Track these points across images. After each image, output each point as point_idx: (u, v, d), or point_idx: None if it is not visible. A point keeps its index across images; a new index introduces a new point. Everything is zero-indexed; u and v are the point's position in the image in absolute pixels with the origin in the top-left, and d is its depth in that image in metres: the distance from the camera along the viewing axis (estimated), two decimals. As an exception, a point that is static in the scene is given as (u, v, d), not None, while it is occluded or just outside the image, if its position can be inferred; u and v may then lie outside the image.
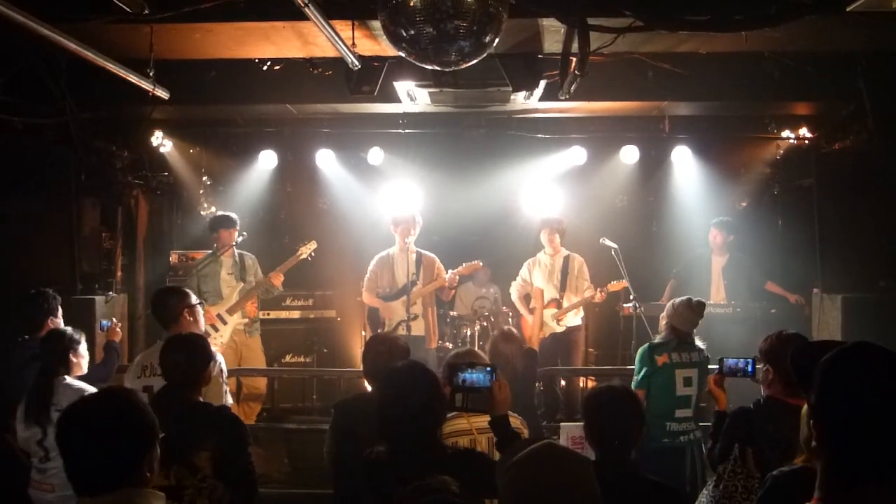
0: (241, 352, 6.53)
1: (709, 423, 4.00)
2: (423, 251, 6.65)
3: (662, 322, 4.62)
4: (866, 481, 1.43)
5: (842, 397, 1.46)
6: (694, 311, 4.49)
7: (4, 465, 3.42)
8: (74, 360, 3.93)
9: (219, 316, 6.41)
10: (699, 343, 4.58)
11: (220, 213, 6.81)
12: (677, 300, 4.57)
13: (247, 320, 6.52)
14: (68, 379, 3.87)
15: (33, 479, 3.76)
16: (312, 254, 6.67)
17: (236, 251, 6.66)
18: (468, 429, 3.00)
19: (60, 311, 4.65)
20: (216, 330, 6.37)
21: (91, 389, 3.82)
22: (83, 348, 4.03)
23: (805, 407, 1.61)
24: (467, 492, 1.83)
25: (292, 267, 6.63)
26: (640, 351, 4.54)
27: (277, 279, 6.53)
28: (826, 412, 1.49)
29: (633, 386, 4.43)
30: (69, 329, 4.14)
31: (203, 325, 4.19)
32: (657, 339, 4.60)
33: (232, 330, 6.45)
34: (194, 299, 4.13)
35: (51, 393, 3.76)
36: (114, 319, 5.11)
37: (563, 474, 1.69)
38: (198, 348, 3.21)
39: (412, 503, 1.57)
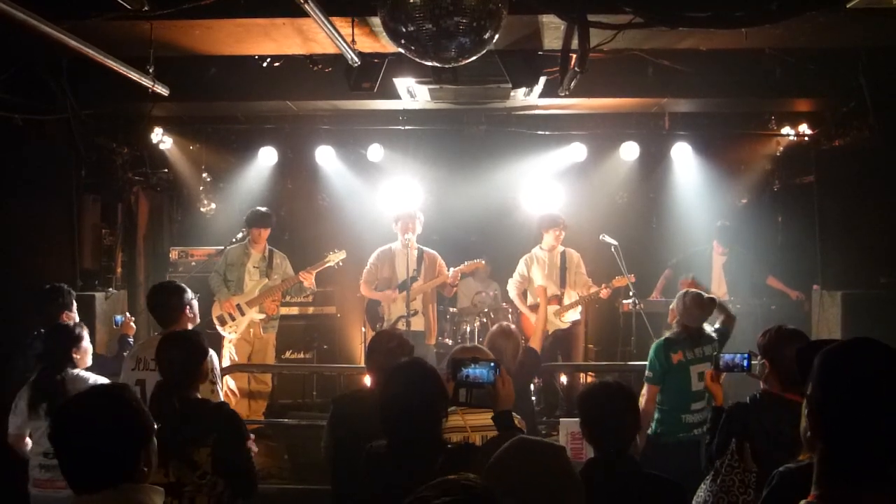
0: (254, 344, 6.62)
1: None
2: (425, 248, 6.64)
3: (672, 316, 4.56)
4: (861, 475, 1.42)
5: (839, 389, 1.46)
6: (704, 308, 4.46)
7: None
8: (77, 355, 3.94)
9: (238, 306, 6.51)
10: (710, 330, 4.56)
11: (257, 209, 6.75)
12: (688, 295, 4.47)
13: (264, 316, 6.57)
14: (78, 370, 3.88)
15: (38, 479, 3.72)
16: (340, 263, 6.68)
17: (267, 247, 6.74)
18: (462, 426, 3.00)
19: (75, 306, 4.69)
20: (233, 319, 6.49)
21: (102, 380, 3.83)
22: (87, 343, 4.03)
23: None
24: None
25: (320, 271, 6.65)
26: (655, 345, 4.48)
27: (308, 278, 6.55)
28: (822, 403, 1.48)
29: (646, 381, 4.43)
30: (72, 323, 4.15)
31: (198, 318, 4.16)
32: (669, 334, 4.51)
33: (249, 322, 6.54)
34: (191, 294, 4.08)
35: (61, 384, 3.74)
36: (127, 314, 5.16)
37: (537, 466, 1.70)
38: (193, 345, 3.19)
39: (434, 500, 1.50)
